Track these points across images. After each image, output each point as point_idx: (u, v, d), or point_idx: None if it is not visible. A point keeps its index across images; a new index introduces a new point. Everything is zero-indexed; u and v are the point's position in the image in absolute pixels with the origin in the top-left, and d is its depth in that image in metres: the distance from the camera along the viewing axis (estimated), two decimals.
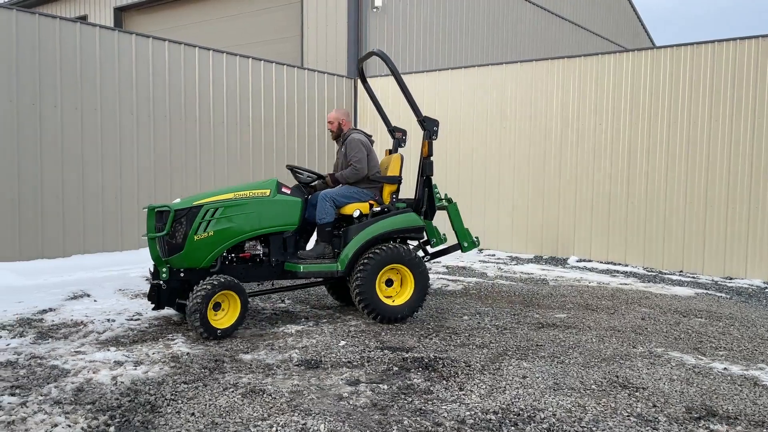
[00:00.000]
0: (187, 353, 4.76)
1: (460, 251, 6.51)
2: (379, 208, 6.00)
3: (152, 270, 5.65)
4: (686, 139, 9.19)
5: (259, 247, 5.70)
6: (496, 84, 10.89)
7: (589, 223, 10.08)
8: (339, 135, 6.37)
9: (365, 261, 5.68)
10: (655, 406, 3.89)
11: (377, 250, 5.74)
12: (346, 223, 6.00)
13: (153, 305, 5.66)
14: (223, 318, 5.25)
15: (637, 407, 3.86)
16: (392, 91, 11.86)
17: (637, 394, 4.08)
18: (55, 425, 3.41)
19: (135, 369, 4.34)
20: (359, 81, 12.31)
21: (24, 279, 7.16)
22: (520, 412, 3.73)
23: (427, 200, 6.31)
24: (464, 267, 9.36)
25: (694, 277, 8.88)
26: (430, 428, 3.49)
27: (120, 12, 17.59)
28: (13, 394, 3.85)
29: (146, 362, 4.51)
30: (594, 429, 3.52)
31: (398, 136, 6.48)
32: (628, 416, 3.72)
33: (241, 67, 10.28)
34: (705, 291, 7.88)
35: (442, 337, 5.39)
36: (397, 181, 6.21)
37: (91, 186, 8.43)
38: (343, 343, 5.12)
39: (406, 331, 5.58)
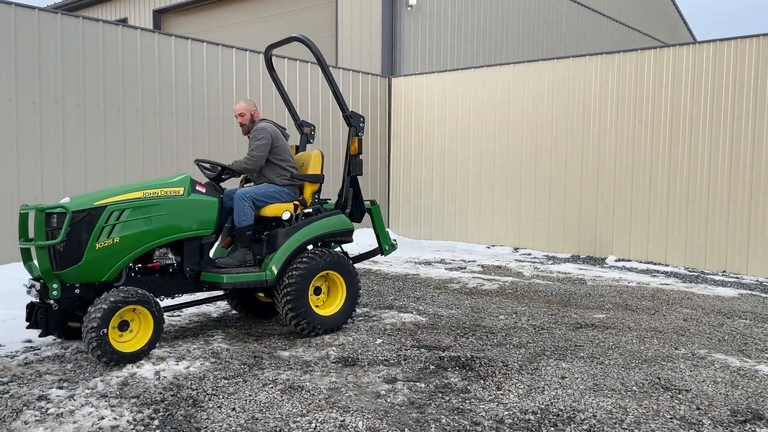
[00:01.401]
0: (227, 349, 4.84)
1: (380, 254, 6.05)
2: (310, 210, 5.55)
3: (32, 286, 4.57)
4: (730, 135, 8.95)
5: (170, 256, 4.93)
6: (532, 82, 10.78)
7: (628, 222, 9.90)
8: (250, 129, 5.62)
9: (297, 268, 5.11)
10: (698, 408, 3.81)
11: (310, 256, 5.23)
12: (264, 226, 5.44)
13: (39, 331, 4.57)
14: (132, 339, 4.47)
15: (680, 409, 3.78)
16: (426, 89, 11.87)
17: (680, 396, 4.01)
18: (102, 418, 3.51)
19: (177, 364, 4.43)
20: (394, 79, 12.34)
21: None
22: (560, 413, 3.70)
23: (354, 201, 5.77)
24: (500, 266, 9.30)
25: (737, 278, 8.65)
26: (468, 427, 3.49)
27: (158, 14, 17.95)
28: (61, 388, 3.97)
29: (187, 358, 4.61)
30: (636, 431, 3.47)
31: (307, 131, 6.09)
32: (671, 419, 3.65)
33: (276, 67, 10.35)
34: (749, 292, 7.67)
35: (478, 336, 5.37)
36: (320, 180, 5.67)
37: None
38: (379, 341, 5.14)
39: (442, 330, 5.57)
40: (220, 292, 5.56)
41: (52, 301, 4.46)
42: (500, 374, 4.37)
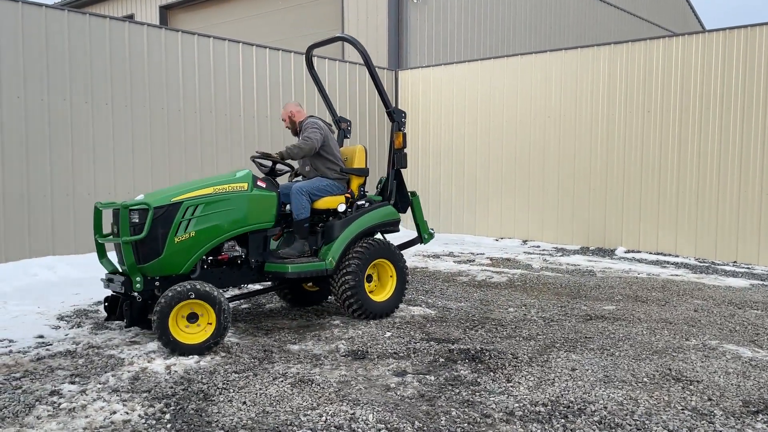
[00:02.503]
0: (237, 343, 4.86)
1: (420, 243, 6.30)
2: (363, 202, 5.81)
3: (110, 280, 4.90)
4: (740, 124, 8.87)
5: (237, 248, 5.17)
6: (540, 73, 10.71)
7: (638, 212, 9.84)
8: (296, 129, 5.93)
9: (354, 257, 5.42)
10: (710, 399, 3.79)
11: (365, 245, 5.53)
12: (318, 218, 5.70)
13: (125, 322, 4.87)
14: (198, 332, 4.57)
15: (691, 400, 3.76)
16: (433, 81, 11.83)
17: (691, 387, 3.98)
18: (114, 412, 3.53)
19: (188, 359, 4.44)
20: (400, 72, 12.30)
21: (80, 272, 7.42)
22: (570, 405, 3.69)
23: (398, 193, 6.05)
24: (508, 259, 9.27)
25: (748, 268, 8.59)
26: (478, 419, 3.48)
27: (165, 10, 17.97)
28: (73, 383, 4.00)
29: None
30: (647, 422, 3.45)
31: (344, 127, 6.35)
32: (682, 410, 3.63)
33: (283, 61, 10.38)
34: (761, 282, 7.61)
35: (487, 329, 5.36)
36: (366, 173, 5.97)
37: (140, 182, 8.66)
38: (388, 334, 5.14)
39: (451, 322, 5.56)
40: (267, 284, 5.89)
41: (136, 294, 4.66)
42: (510, 366, 4.36)
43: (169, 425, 3.39)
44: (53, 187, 7.81)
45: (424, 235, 6.29)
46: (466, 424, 3.41)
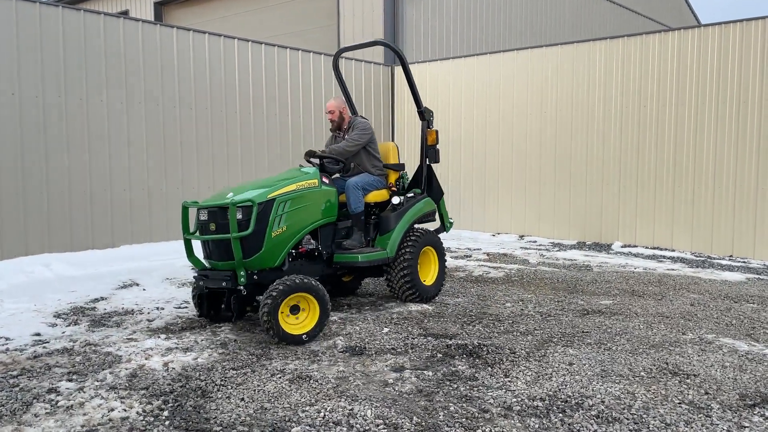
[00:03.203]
0: (235, 340, 4.85)
1: (444, 231, 6.74)
2: (411, 194, 6.25)
3: (207, 276, 5.09)
4: (735, 119, 8.89)
5: (312, 241, 5.53)
6: (536, 68, 10.71)
7: (634, 207, 9.87)
8: (340, 124, 6.18)
9: (408, 245, 5.87)
10: (707, 393, 3.81)
11: (417, 234, 6.00)
12: (368, 211, 6.03)
13: (231, 316, 5.09)
14: (301, 323, 4.83)
15: (688, 394, 3.78)
16: (429, 76, 11.81)
17: (688, 381, 4.00)
18: (112, 410, 3.53)
19: (185, 355, 4.44)
20: (397, 68, 12.28)
21: (76, 269, 7.40)
22: (568, 399, 3.70)
23: (431, 186, 6.48)
24: (505, 254, 9.28)
25: (744, 262, 8.62)
26: (476, 414, 3.49)
27: (160, 6, 17.89)
28: (70, 380, 3.99)
29: (195, 349, 4.62)
30: (644, 416, 3.47)
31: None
32: (679, 403, 3.65)
33: (279, 57, 10.35)
34: (757, 276, 7.64)
35: (485, 324, 5.37)
36: (402, 168, 6.43)
37: (136, 178, 8.64)
38: (386, 330, 5.14)
39: (449, 318, 5.57)
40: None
41: (240, 288, 4.89)
42: (508, 361, 4.37)
43: (167, 422, 3.39)
44: (49, 184, 7.78)
45: (446, 224, 6.79)
46: (464, 419, 3.42)
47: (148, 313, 5.74)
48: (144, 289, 6.68)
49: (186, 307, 5.95)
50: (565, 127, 10.46)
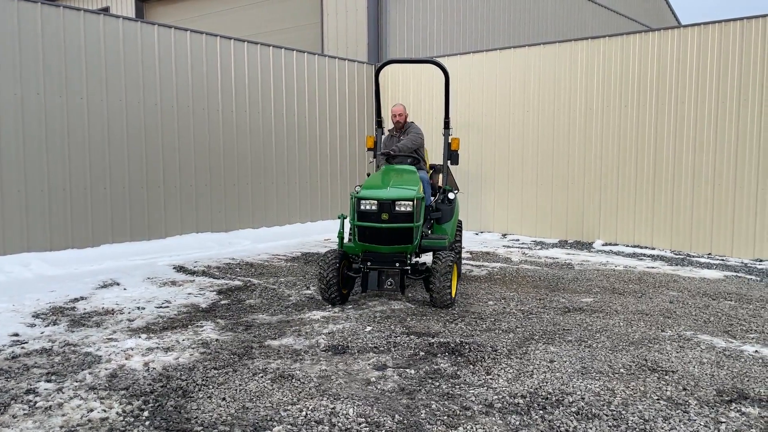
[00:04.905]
0: (216, 339, 4.83)
1: None
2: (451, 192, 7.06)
3: (372, 258, 5.85)
4: (714, 119, 9.00)
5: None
6: (518, 67, 10.77)
7: (615, 205, 9.96)
8: (403, 125, 7.06)
9: (458, 234, 7.09)
10: (685, 389, 3.86)
11: (460, 225, 7.17)
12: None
13: (400, 292, 5.91)
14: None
15: (667, 390, 3.83)
16: (413, 75, 11.81)
17: (666, 377, 4.05)
18: (91, 410, 3.50)
19: (166, 355, 4.41)
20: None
21: (55, 268, 7.32)
22: (548, 396, 3.73)
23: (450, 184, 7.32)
24: (488, 252, 9.33)
25: (722, 260, 8.75)
26: (458, 412, 3.51)
27: (141, 3, 17.70)
28: (49, 381, 3.95)
29: (177, 349, 4.59)
30: (624, 412, 3.51)
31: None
32: (658, 399, 3.70)
33: (262, 55, 10.30)
34: (734, 273, 7.76)
35: (467, 322, 5.39)
36: (440, 169, 7.36)
37: (116, 176, 8.54)
38: (369, 328, 5.15)
39: (431, 316, 5.59)
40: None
41: (408, 268, 5.84)
42: (489, 359, 4.40)
43: (147, 422, 3.36)
44: (27, 182, 7.67)
45: None
46: (445, 417, 3.44)
47: (129, 312, 5.68)
48: (125, 289, 6.62)
49: (167, 307, 5.90)
50: (547, 127, 10.53)
